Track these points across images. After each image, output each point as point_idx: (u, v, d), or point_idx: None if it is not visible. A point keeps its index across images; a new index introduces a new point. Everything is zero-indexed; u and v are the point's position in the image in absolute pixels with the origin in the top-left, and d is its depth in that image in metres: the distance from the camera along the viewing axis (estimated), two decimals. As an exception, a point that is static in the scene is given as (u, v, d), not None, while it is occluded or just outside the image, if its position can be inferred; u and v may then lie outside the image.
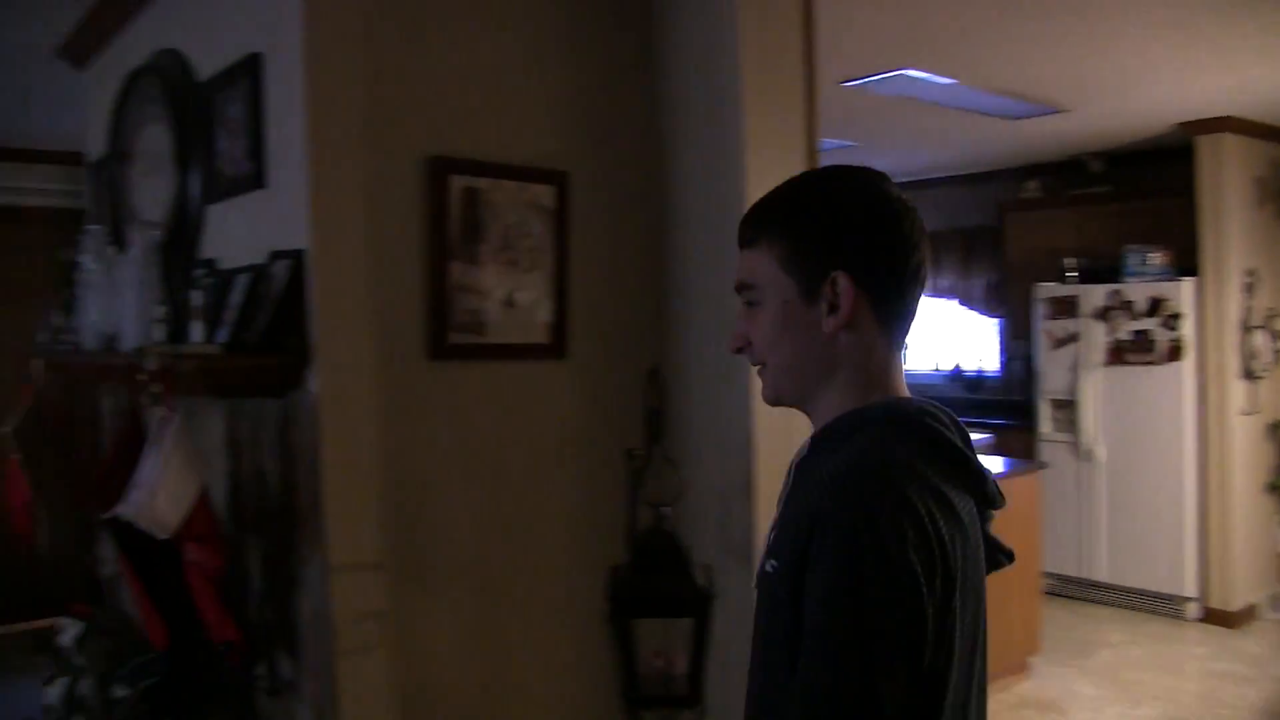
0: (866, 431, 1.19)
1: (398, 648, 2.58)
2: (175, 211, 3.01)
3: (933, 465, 1.15)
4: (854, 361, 1.23)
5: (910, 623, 1.06)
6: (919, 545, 1.07)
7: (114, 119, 3.53)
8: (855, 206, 1.23)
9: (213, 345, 2.49)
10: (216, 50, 2.85)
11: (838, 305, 1.21)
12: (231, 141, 2.73)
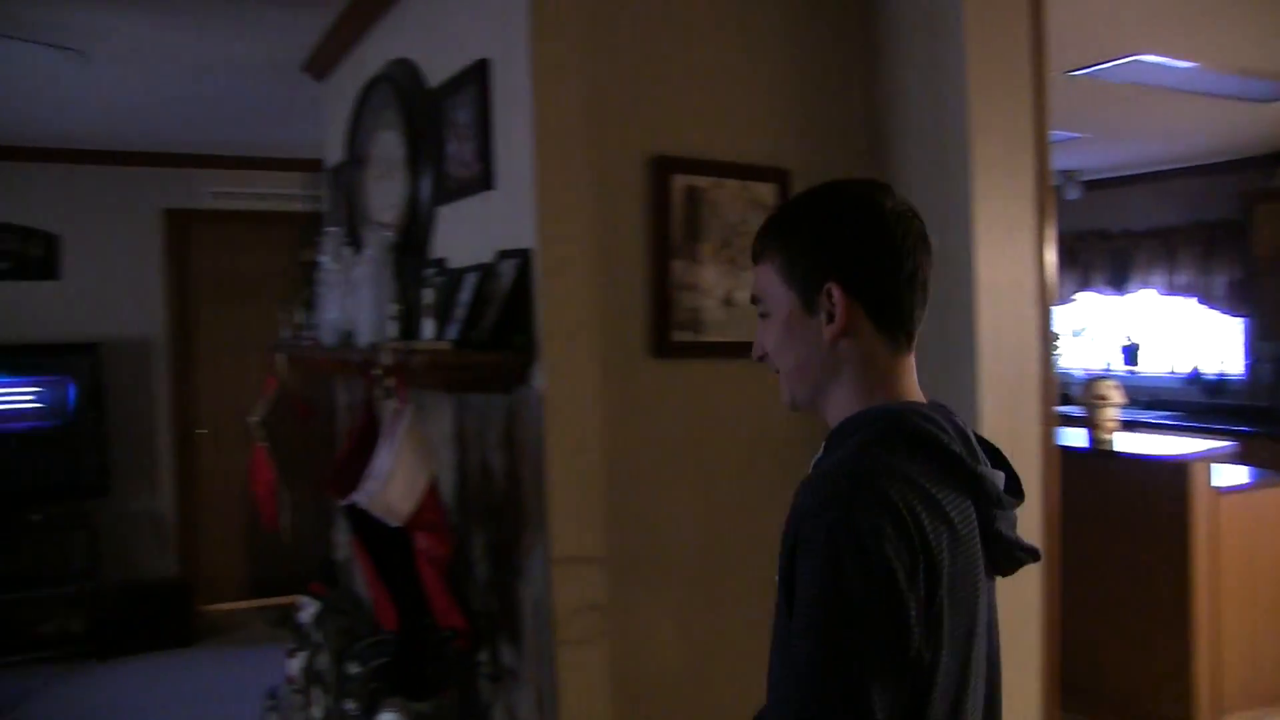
0: (862, 433, 1.24)
1: (615, 639, 2.62)
2: (407, 213, 3.14)
3: (922, 466, 1.19)
4: (856, 366, 1.29)
5: (890, 616, 1.09)
6: (898, 543, 1.10)
7: (350, 127, 3.71)
8: (845, 220, 1.29)
9: (443, 342, 2.58)
10: (446, 58, 2.96)
11: (834, 314, 1.27)
12: (460, 145, 2.82)
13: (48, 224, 6.29)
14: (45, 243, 6.27)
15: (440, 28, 3.07)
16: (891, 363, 1.30)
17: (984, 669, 1.26)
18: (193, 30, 3.83)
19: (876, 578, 1.09)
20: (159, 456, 6.54)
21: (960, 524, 1.19)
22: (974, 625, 1.21)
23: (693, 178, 2.71)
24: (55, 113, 5.22)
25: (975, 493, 1.23)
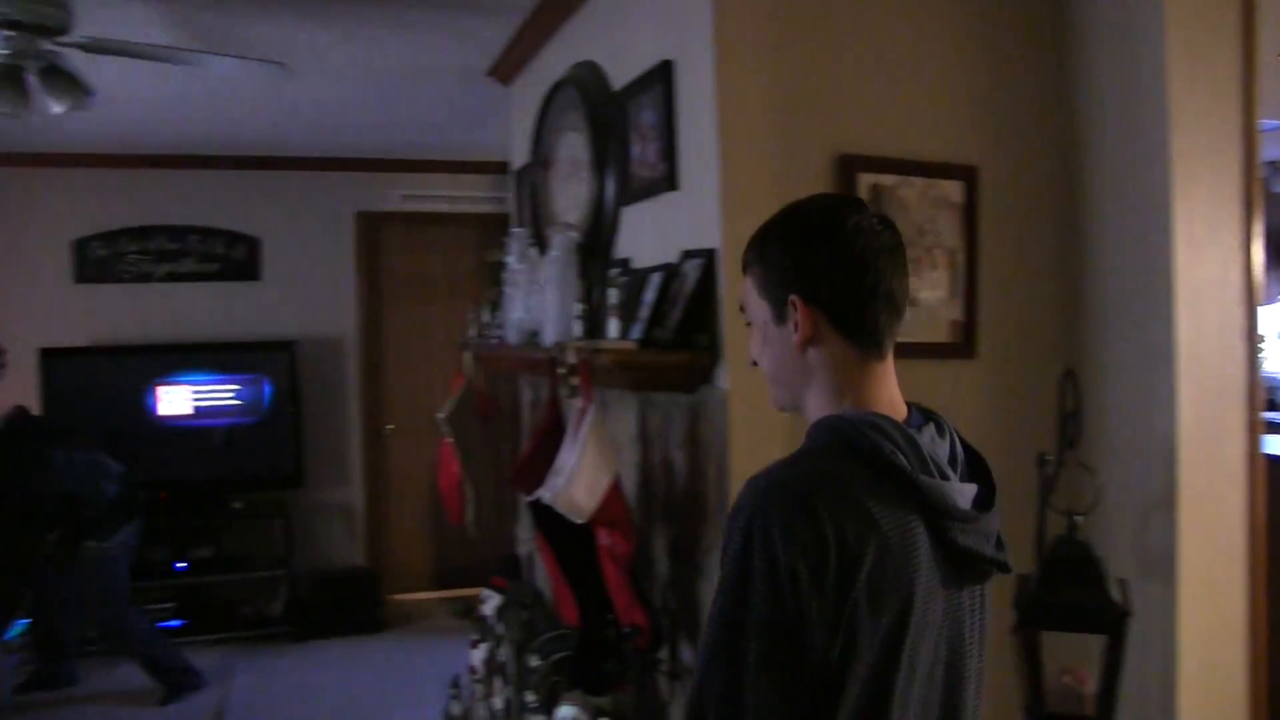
0: (813, 439, 1.32)
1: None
2: (592, 214, 3.18)
3: (857, 474, 1.24)
4: (825, 372, 1.35)
5: (784, 615, 1.16)
6: (808, 549, 1.16)
7: (536, 129, 3.79)
8: (806, 235, 1.35)
9: (628, 341, 2.61)
10: (630, 60, 2.99)
11: (799, 324, 1.34)
12: (644, 146, 2.85)
13: (250, 228, 6.64)
14: (248, 246, 6.63)
15: (624, 30, 3.10)
16: (860, 369, 1.35)
17: (938, 678, 1.30)
18: (385, 41, 3.97)
19: (779, 577, 1.17)
20: (350, 450, 6.83)
21: (892, 532, 1.22)
22: (901, 628, 1.23)
23: (878, 176, 2.67)
24: (259, 123, 5.50)
25: (919, 503, 1.26)
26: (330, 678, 5.52)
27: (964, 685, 1.35)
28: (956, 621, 1.33)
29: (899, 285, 1.35)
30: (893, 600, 1.22)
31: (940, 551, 1.28)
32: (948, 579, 1.29)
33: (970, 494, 1.33)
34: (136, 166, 6.42)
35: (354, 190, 6.76)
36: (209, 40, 3.85)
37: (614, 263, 3.06)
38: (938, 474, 1.28)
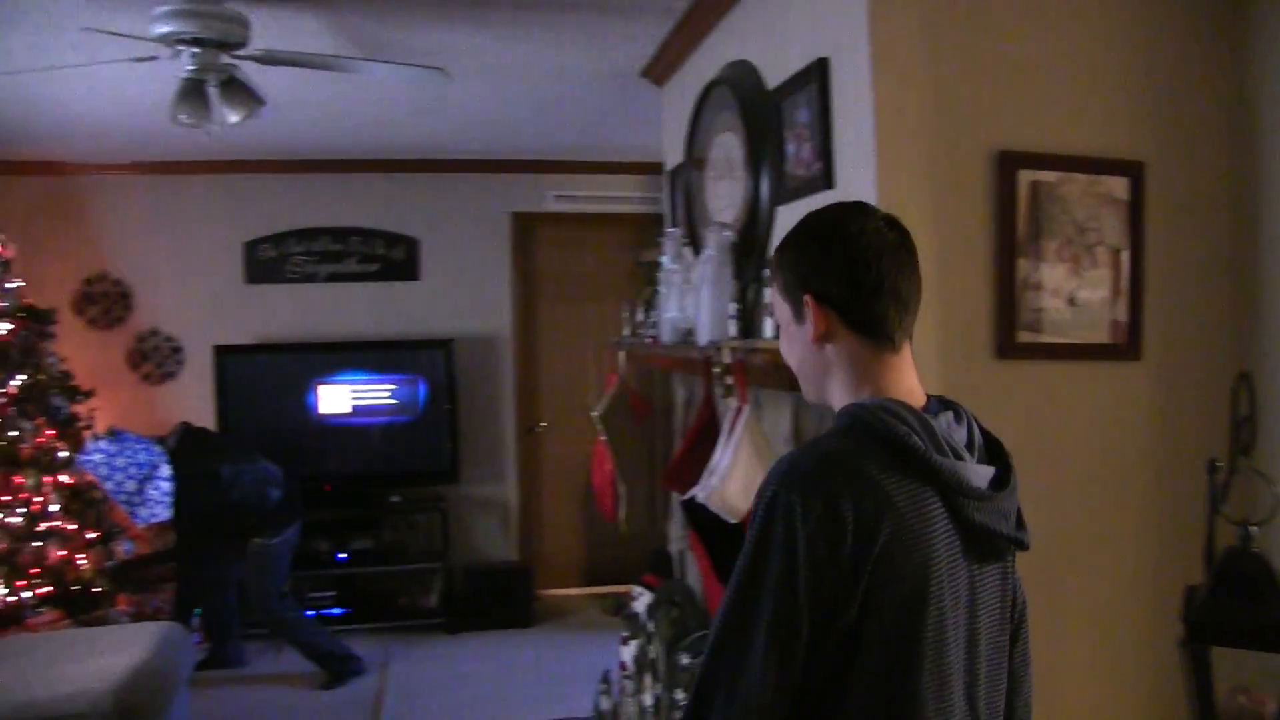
0: (835, 423, 1.44)
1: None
2: (747, 213, 3.17)
3: (875, 456, 1.34)
4: (842, 365, 1.47)
5: (798, 587, 1.28)
6: (824, 520, 1.28)
7: (690, 129, 3.80)
8: (813, 240, 1.48)
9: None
10: (784, 58, 2.97)
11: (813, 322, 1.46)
12: (800, 145, 2.83)
13: (409, 229, 6.84)
14: (407, 246, 6.83)
15: (778, 28, 3.08)
16: (876, 361, 1.46)
17: (956, 640, 1.38)
18: (540, 44, 4.04)
19: (795, 548, 1.29)
20: (504, 447, 6.96)
21: (907, 507, 1.32)
22: (922, 599, 1.32)
23: (1038, 173, 2.59)
24: (418, 127, 5.66)
25: (935, 481, 1.35)
26: (482, 669, 5.64)
27: (980, 661, 1.43)
28: (978, 598, 1.43)
29: (905, 282, 1.46)
30: (910, 569, 1.32)
31: (958, 526, 1.38)
32: (968, 553, 1.40)
33: (987, 475, 1.43)
34: (302, 171, 6.68)
35: (509, 191, 6.90)
36: (371, 48, 3.97)
37: (769, 262, 3.04)
38: (952, 455, 1.38)
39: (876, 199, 2.41)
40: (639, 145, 6.11)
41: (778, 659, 1.29)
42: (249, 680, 5.56)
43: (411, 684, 5.43)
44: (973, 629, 1.42)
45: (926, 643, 1.33)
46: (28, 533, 5.37)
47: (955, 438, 1.42)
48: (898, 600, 1.31)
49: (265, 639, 5.97)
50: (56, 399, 5.68)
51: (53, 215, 6.54)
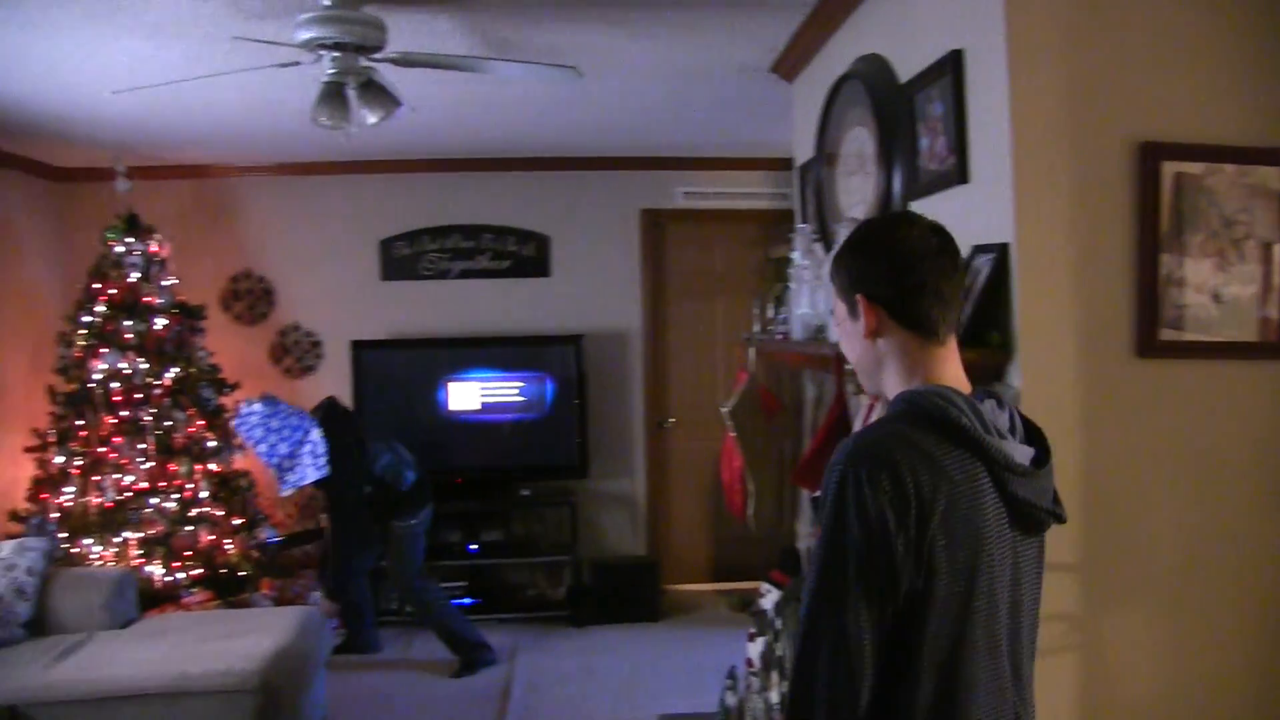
0: (891, 408, 1.57)
1: (1087, 654, 2.48)
2: (878, 208, 3.14)
3: (931, 435, 1.47)
4: (893, 358, 1.61)
5: (875, 552, 1.42)
6: (892, 492, 1.42)
7: (820, 124, 3.77)
8: (863, 246, 1.64)
9: (915, 338, 2.56)
10: (917, 51, 2.93)
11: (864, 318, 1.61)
12: (933, 138, 2.78)
13: (540, 226, 6.94)
14: (538, 243, 6.93)
15: (910, 21, 3.04)
16: (923, 353, 1.59)
17: (1004, 603, 1.52)
18: (670, 41, 4.05)
19: (868, 517, 1.42)
20: (632, 443, 7.01)
21: (961, 480, 1.46)
22: (976, 562, 1.47)
23: (1183, 164, 2.49)
24: (549, 125, 5.74)
25: (983, 458, 1.48)
26: (609, 662, 5.69)
27: (1023, 627, 1.57)
28: (1020, 568, 1.55)
29: (946, 283, 1.59)
30: (966, 538, 1.46)
31: (1004, 500, 1.50)
32: (1013, 525, 1.52)
33: (1028, 454, 1.56)
34: (436, 170, 6.83)
35: (639, 188, 6.93)
36: (504, 48, 4.04)
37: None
38: (997, 435, 1.52)
39: (1012, 192, 2.37)
40: (768, 141, 6.08)
41: (870, 615, 1.43)
42: (382, 666, 5.72)
43: (539, 675, 5.52)
44: (1015, 597, 1.55)
45: (979, 607, 1.48)
46: (181, 517, 5.64)
47: (999, 421, 1.55)
48: (956, 566, 1.45)
49: (399, 626, 6.15)
50: (206, 391, 5.93)
51: (202, 216, 6.83)
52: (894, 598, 1.44)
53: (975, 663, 1.48)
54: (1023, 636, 1.58)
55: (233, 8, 3.46)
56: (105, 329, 5.71)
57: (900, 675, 1.46)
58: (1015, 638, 1.56)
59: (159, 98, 4.42)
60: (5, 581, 4.50)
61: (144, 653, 4.26)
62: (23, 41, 3.85)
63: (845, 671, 1.43)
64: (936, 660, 1.46)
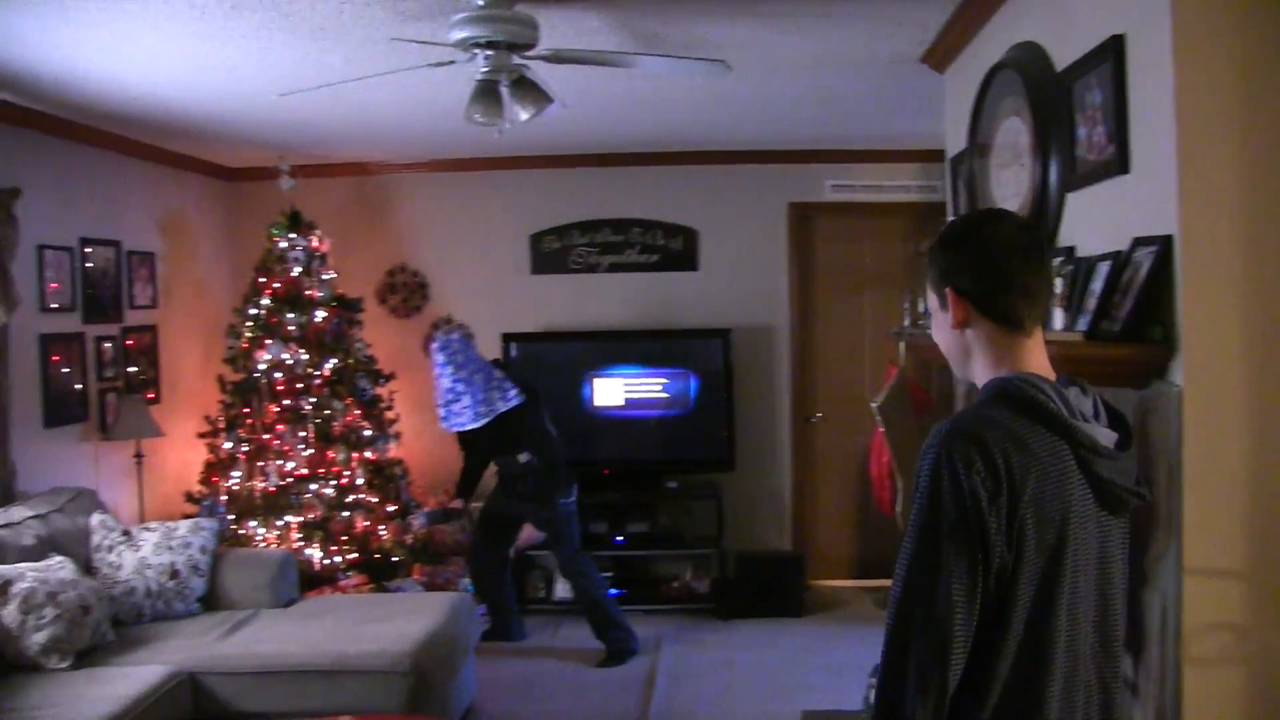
0: (981, 394, 1.67)
1: (1256, 666, 2.36)
2: (1034, 201, 3.05)
3: (1018, 418, 1.57)
4: (981, 348, 1.70)
5: (969, 529, 1.50)
6: (984, 472, 1.50)
7: (972, 115, 3.68)
8: (953, 242, 1.73)
9: (1073, 333, 2.49)
10: (1075, 37, 2.83)
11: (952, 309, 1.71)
12: (1091, 128, 2.69)
13: (689, 220, 6.97)
14: (686, 237, 6.95)
15: (1068, 7, 2.94)
16: (1010, 344, 1.68)
17: (1092, 581, 1.61)
18: (819, 33, 4.01)
19: (962, 496, 1.50)
20: (779, 437, 6.98)
21: (1049, 461, 1.55)
22: (1063, 540, 1.55)
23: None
24: (696, 119, 5.75)
25: (1069, 440, 1.57)
26: (752, 656, 5.69)
27: (1113, 603, 1.65)
28: (1107, 546, 1.63)
29: (1033, 279, 1.66)
30: (1054, 516, 1.54)
31: (1089, 481, 1.58)
32: (1099, 505, 1.60)
33: (1111, 438, 1.63)
34: (585, 165, 6.93)
35: (786, 181, 6.90)
36: (653, 43, 4.07)
37: (1057, 251, 2.92)
38: (1081, 419, 1.60)
39: (1177, 183, 2.27)
40: (918, 133, 5.98)
41: (963, 588, 1.50)
42: (526, 654, 5.83)
43: (681, 667, 5.55)
44: (1103, 575, 1.63)
45: (1064, 586, 1.55)
46: (338, 503, 5.86)
47: (1084, 407, 1.64)
48: (1043, 543, 1.53)
49: (544, 615, 6.26)
50: (363, 381, 6.15)
51: (360, 212, 7.08)
52: (987, 574, 1.51)
53: (1057, 638, 1.55)
54: (1114, 613, 1.65)
55: (391, 10, 3.57)
56: (270, 321, 5.98)
57: (985, 649, 1.53)
58: (1105, 614, 1.63)
59: (321, 99, 4.60)
60: (183, 559, 4.76)
61: (305, 632, 4.45)
62: (204, 51, 4.05)
63: (938, 640, 1.50)
64: (1019, 634, 1.53)
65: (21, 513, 4.48)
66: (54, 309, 5.26)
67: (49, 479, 5.03)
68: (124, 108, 5.04)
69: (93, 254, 5.59)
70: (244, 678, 4.17)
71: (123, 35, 3.83)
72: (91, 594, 4.32)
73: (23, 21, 3.65)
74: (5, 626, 3.98)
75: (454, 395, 5.47)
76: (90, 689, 3.79)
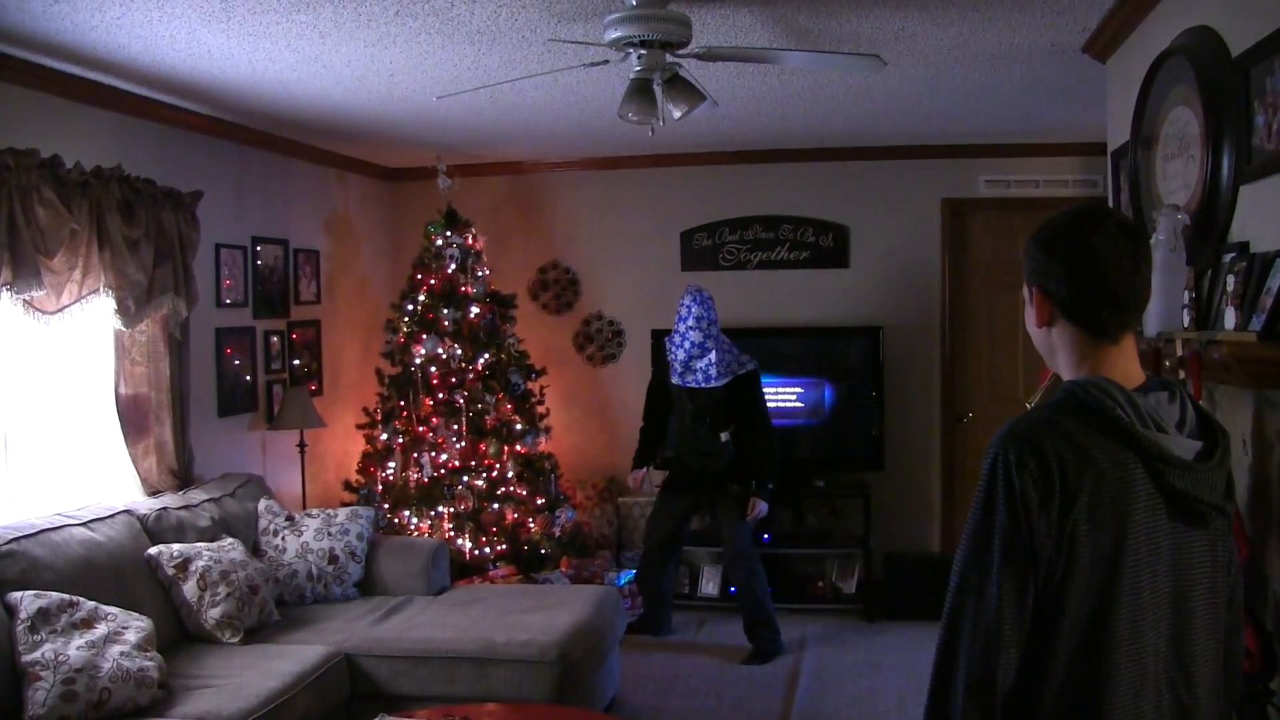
0: (1055, 396, 1.64)
1: None
2: (1203, 194, 2.92)
3: (1083, 425, 1.56)
4: (1064, 348, 1.69)
5: (1019, 528, 1.52)
6: (1037, 474, 1.52)
7: (1137, 106, 3.55)
8: (1047, 241, 1.67)
9: (1247, 333, 2.37)
10: (1254, 20, 2.70)
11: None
12: (1271, 115, 2.56)
13: (840, 216, 6.89)
14: (837, 234, 6.88)
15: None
16: (1093, 347, 1.65)
17: (1165, 605, 1.57)
18: (974, 23, 3.92)
19: (1014, 499, 1.53)
20: (929, 437, 6.85)
21: (1108, 468, 1.53)
22: (1121, 549, 1.53)
23: None
24: (848, 114, 5.68)
25: (1137, 449, 1.54)
26: (897, 659, 5.59)
27: (1192, 617, 1.60)
28: (1185, 558, 1.59)
29: (1124, 288, 1.62)
30: (1110, 523, 1.53)
31: (1161, 491, 1.55)
32: (1173, 516, 1.57)
33: (1193, 448, 1.59)
34: (735, 162, 6.92)
35: (939, 176, 6.76)
36: (805, 38, 4.04)
37: (1230, 246, 2.79)
38: (1154, 428, 1.56)
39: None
40: (1076, 125, 5.80)
41: (1012, 588, 1.52)
42: (673, 649, 5.86)
43: (825, 668, 5.50)
44: (1179, 587, 1.59)
45: (1123, 593, 1.53)
46: (489, 495, 5.99)
47: (1163, 414, 1.59)
48: (1099, 552, 1.52)
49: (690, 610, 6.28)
50: (515, 376, 6.28)
51: (513, 210, 7.22)
52: (1035, 576, 1.53)
53: (1116, 649, 1.54)
54: (1194, 630, 1.61)
55: (546, 12, 3.63)
56: (426, 316, 6.15)
57: (1038, 653, 1.55)
58: (1181, 631, 1.60)
59: (478, 100, 4.72)
60: (342, 545, 4.94)
61: (456, 619, 4.57)
62: (368, 56, 4.20)
63: (985, 640, 1.53)
64: (1073, 642, 1.54)
65: (198, 496, 4.79)
66: (228, 304, 5.54)
67: (221, 464, 5.32)
68: (293, 113, 5.26)
69: (262, 252, 5.85)
70: (397, 661, 4.30)
71: (294, 45, 4.00)
72: (259, 575, 4.54)
73: (212, 37, 3.86)
74: (186, 600, 4.25)
75: (700, 351, 5.47)
76: (259, 663, 3.98)
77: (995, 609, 1.53)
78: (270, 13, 3.59)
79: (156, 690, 3.60)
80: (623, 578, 6.40)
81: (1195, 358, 2.42)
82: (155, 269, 4.63)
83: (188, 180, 4.99)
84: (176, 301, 4.75)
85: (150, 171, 4.71)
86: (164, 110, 4.94)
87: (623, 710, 4.97)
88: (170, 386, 4.82)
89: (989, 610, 1.53)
